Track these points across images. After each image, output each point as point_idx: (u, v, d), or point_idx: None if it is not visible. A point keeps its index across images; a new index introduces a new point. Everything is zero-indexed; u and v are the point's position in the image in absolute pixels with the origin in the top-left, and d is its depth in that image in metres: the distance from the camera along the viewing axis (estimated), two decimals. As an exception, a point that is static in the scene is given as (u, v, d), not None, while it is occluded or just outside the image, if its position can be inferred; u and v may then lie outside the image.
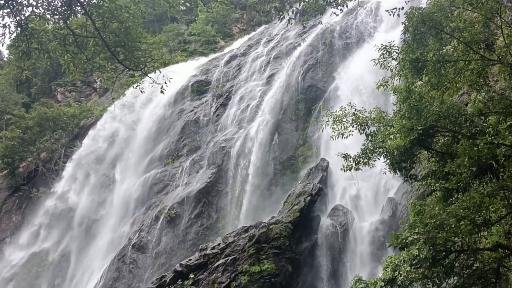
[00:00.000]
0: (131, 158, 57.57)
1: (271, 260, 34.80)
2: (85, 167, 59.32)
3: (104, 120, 63.69)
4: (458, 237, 17.48)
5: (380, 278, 21.41)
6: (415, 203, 23.49)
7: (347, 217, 38.20)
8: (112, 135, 61.07)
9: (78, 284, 49.54)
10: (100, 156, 59.83)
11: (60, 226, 56.35)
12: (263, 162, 48.10)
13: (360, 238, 37.11)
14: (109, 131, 61.77)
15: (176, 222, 46.84)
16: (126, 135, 60.16)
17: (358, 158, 23.71)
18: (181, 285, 35.08)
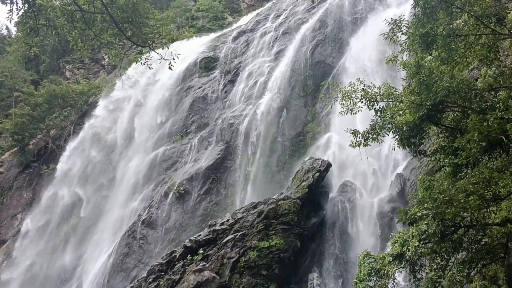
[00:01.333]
0: (139, 135, 57.68)
1: (279, 235, 35.02)
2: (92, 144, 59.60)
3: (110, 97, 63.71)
4: (467, 212, 17.49)
5: (388, 253, 21.45)
6: (424, 179, 23.42)
7: (356, 193, 38.27)
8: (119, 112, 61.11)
9: (89, 260, 50.12)
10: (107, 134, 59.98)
11: (70, 201, 56.81)
12: (272, 139, 48.09)
13: (368, 214, 37.20)
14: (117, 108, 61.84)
15: (185, 199, 47.11)
16: (134, 111, 60.20)
17: (367, 134, 23.62)
18: (191, 260, 35.40)
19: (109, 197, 54.60)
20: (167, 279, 34.61)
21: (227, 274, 33.77)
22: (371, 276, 21.76)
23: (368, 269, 21.77)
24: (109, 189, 55.41)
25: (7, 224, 59.21)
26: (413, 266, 20.32)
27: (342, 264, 36.17)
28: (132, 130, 58.92)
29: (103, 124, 61.28)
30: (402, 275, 27.78)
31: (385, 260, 21.17)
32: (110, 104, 62.90)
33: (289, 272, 34.89)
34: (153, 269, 36.95)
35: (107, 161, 57.72)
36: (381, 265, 21.42)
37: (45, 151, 63.85)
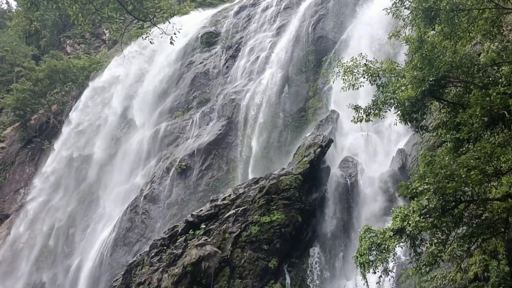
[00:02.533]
0: (141, 110, 57.60)
1: (281, 210, 35.21)
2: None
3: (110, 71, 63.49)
4: (468, 187, 17.57)
5: (389, 228, 21.59)
6: (425, 154, 23.50)
7: (357, 168, 38.36)
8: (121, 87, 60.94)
9: (92, 234, 50.48)
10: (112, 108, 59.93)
11: (72, 175, 57.03)
12: (273, 114, 48.02)
13: (369, 189, 37.35)
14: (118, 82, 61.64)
15: (187, 174, 47.25)
16: (135, 86, 60.02)
17: (369, 110, 23.64)
18: (193, 235, 35.66)
19: (112, 172, 54.75)
20: (169, 253, 34.91)
21: (229, 249, 34.05)
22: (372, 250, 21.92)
23: (368, 243, 21.93)
24: (111, 164, 55.52)
25: (10, 199, 59.57)
26: (414, 241, 20.48)
27: (343, 238, 36.43)
28: (133, 105, 58.79)
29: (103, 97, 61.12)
30: (403, 250, 28.05)
31: (386, 235, 21.32)
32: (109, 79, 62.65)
33: (290, 247, 35.16)
34: (155, 243, 37.25)
35: (109, 137, 57.72)
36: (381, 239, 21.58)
37: (47, 126, 63.91)
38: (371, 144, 40.22)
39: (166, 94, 57.02)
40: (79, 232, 51.83)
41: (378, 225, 31.77)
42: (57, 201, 56.24)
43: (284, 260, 34.81)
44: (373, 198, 36.92)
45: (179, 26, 20.41)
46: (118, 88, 60.85)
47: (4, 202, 59.72)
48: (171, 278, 33.31)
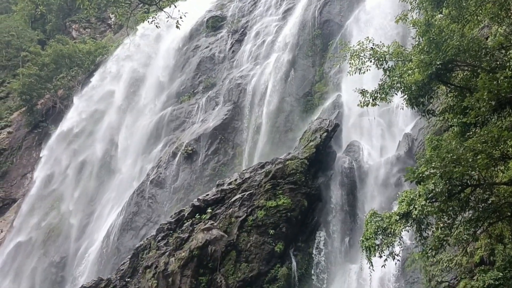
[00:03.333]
0: (147, 95, 57.60)
1: (287, 195, 35.30)
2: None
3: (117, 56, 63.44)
4: (474, 171, 17.54)
5: (395, 212, 21.61)
6: (432, 138, 23.39)
7: (363, 153, 38.35)
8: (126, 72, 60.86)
9: (99, 218, 50.78)
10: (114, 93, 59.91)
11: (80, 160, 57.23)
12: (279, 99, 47.91)
13: (375, 173, 37.34)
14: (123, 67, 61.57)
15: (193, 159, 47.35)
16: (141, 72, 59.95)
17: (375, 94, 23.55)
18: (199, 219, 35.85)
19: (118, 157, 54.90)
20: (176, 237, 35.13)
21: (235, 233, 34.23)
22: (378, 234, 21.96)
23: (374, 227, 21.96)
24: (117, 149, 55.64)
25: (18, 183, 59.92)
26: (420, 225, 20.50)
27: (349, 223, 36.52)
28: (139, 90, 58.77)
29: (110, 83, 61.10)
30: (409, 234, 28.12)
31: (392, 219, 21.34)
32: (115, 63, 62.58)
33: (296, 231, 35.30)
34: (162, 227, 37.48)
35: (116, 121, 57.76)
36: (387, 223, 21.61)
37: (53, 111, 64.05)
38: (377, 128, 40.13)
39: (172, 79, 56.96)
40: (86, 216, 52.09)
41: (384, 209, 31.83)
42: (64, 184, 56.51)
43: (290, 244, 34.97)
44: (379, 182, 36.92)
45: (184, 10, 20.31)
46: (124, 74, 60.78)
47: (11, 187, 60.10)
48: (178, 262, 33.55)
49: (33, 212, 55.92)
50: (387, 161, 37.45)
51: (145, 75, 59.24)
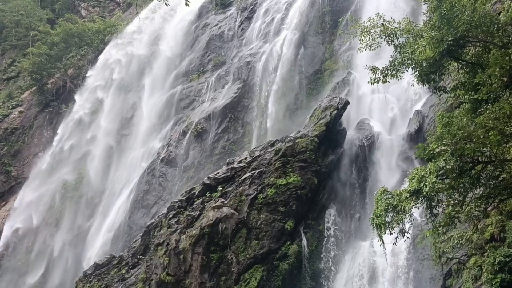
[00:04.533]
0: (156, 74, 57.51)
1: (297, 173, 35.36)
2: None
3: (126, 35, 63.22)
4: (486, 147, 17.47)
5: (406, 189, 21.62)
6: (443, 115, 23.26)
7: (373, 130, 38.22)
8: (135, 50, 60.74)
9: (110, 196, 51.13)
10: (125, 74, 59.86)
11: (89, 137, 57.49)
12: (289, 77, 47.71)
13: (386, 151, 37.27)
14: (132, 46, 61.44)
15: (203, 137, 47.43)
16: (150, 50, 59.82)
17: (386, 71, 23.44)
18: (210, 197, 36.02)
19: (129, 136, 55.08)
20: (186, 215, 35.37)
21: (245, 211, 34.41)
22: (388, 212, 22.02)
23: (385, 205, 22.01)
24: (128, 127, 55.79)
25: (29, 162, 60.30)
26: (430, 202, 20.52)
27: (359, 200, 36.58)
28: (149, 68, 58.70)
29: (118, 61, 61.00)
30: (419, 211, 28.16)
31: (402, 196, 21.37)
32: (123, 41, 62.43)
33: (306, 209, 35.43)
34: (173, 205, 37.71)
35: (125, 100, 57.82)
36: (398, 201, 21.64)
37: (64, 90, 64.11)
38: (387, 106, 39.92)
39: (181, 57, 56.80)
40: (98, 195, 52.49)
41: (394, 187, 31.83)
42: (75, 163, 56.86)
43: (300, 222, 35.12)
44: (390, 160, 36.86)
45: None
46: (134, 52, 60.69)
47: (23, 166, 60.52)
48: (189, 239, 33.83)
49: (42, 188, 56.41)
50: (397, 139, 37.34)
51: (155, 53, 59.08)
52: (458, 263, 28.68)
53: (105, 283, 37.11)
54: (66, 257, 50.42)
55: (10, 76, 71.15)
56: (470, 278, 27.47)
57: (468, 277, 27.59)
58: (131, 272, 36.86)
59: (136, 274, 36.13)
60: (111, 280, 37.11)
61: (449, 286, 28.90)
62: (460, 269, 28.56)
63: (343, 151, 37.69)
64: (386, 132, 38.81)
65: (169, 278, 33.70)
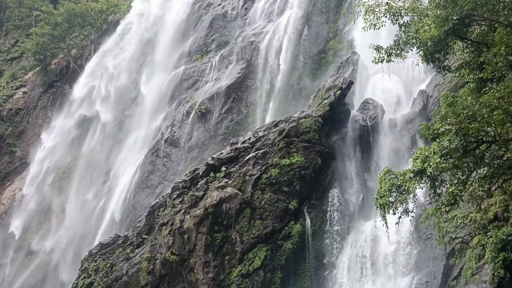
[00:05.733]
0: (160, 54, 57.31)
1: (300, 153, 35.37)
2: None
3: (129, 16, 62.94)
4: (490, 127, 17.42)
5: (409, 170, 21.64)
6: (447, 95, 23.13)
7: (377, 110, 38.08)
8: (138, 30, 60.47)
9: (115, 176, 51.30)
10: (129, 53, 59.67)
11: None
12: (293, 57, 47.49)
13: (390, 131, 37.20)
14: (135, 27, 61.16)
15: (206, 118, 47.41)
16: (153, 30, 59.53)
17: (391, 50, 23.35)
18: (214, 178, 36.12)
19: (132, 116, 55.08)
20: (191, 195, 35.51)
21: (249, 191, 34.51)
22: (392, 192, 22.07)
23: (388, 185, 22.05)
24: (131, 108, 55.77)
25: (34, 143, 60.44)
26: (434, 182, 20.55)
27: (363, 180, 36.62)
28: (152, 48, 58.49)
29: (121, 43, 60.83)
30: (423, 191, 28.21)
31: (406, 176, 21.40)
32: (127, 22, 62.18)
33: (310, 189, 35.51)
34: (177, 186, 37.86)
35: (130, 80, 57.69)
36: (401, 181, 21.68)
37: (67, 70, 64.02)
38: (392, 85, 39.75)
39: (184, 37, 56.50)
40: (103, 175, 52.68)
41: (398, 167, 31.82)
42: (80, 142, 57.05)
43: (304, 202, 35.24)
44: (394, 140, 36.81)
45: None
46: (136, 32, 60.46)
47: (28, 146, 60.70)
48: (193, 219, 34.02)
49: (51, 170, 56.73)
50: (401, 118, 37.25)
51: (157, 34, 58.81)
52: (461, 243, 28.81)
53: (110, 262, 37.43)
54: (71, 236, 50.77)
55: (14, 56, 71.01)
56: (473, 257, 27.62)
57: (471, 256, 27.74)
58: (136, 252, 37.15)
59: (141, 254, 36.41)
60: (116, 259, 37.42)
61: (452, 265, 29.07)
62: (463, 248, 28.70)
63: (347, 131, 37.64)
64: (390, 112, 38.69)
65: (173, 257, 33.97)
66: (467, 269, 27.87)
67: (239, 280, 32.77)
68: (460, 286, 28.14)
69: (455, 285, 28.47)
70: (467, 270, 27.85)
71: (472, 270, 27.52)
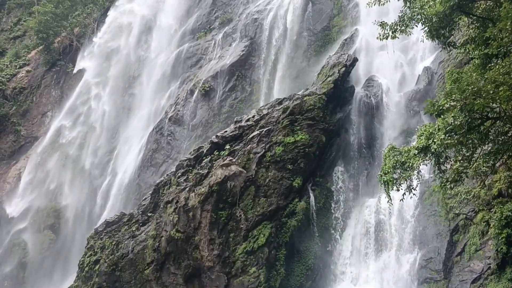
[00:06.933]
0: (163, 32, 57.00)
1: (304, 131, 35.37)
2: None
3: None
4: (495, 103, 17.35)
5: (414, 146, 21.65)
6: (452, 71, 23.06)
7: (382, 87, 37.99)
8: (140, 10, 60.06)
9: (119, 155, 51.45)
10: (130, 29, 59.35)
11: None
12: (297, 34, 47.16)
13: (394, 108, 37.13)
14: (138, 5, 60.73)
15: (210, 96, 47.35)
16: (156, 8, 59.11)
17: (395, 26, 23.22)
18: (218, 156, 36.18)
19: (136, 94, 55.01)
20: (195, 173, 35.62)
21: (254, 168, 34.59)
22: (396, 168, 22.12)
23: (393, 162, 22.09)
24: (135, 86, 55.67)
25: (38, 121, 60.55)
26: (438, 159, 20.58)
27: (367, 158, 36.66)
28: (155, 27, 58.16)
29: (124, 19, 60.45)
30: (427, 168, 28.23)
31: (410, 153, 21.42)
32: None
33: (314, 166, 35.58)
34: (181, 164, 37.96)
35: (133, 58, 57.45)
36: (406, 158, 21.71)
37: (70, 49, 63.82)
38: (396, 62, 39.56)
39: (188, 14, 56.12)
40: (107, 153, 52.81)
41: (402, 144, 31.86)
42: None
43: (308, 179, 35.33)
44: (398, 117, 36.76)
45: None
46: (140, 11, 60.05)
47: (32, 125, 60.83)
48: (197, 197, 34.16)
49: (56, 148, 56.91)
50: (406, 95, 37.15)
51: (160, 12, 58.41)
52: (465, 219, 28.93)
53: (116, 240, 37.72)
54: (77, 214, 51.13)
55: (17, 35, 70.79)
56: (477, 233, 27.77)
57: (475, 233, 27.88)
58: (141, 229, 37.40)
59: (146, 231, 36.67)
60: (122, 237, 37.72)
61: (456, 242, 29.23)
62: (467, 224, 28.84)
63: (351, 108, 37.58)
64: (395, 89, 38.57)
65: (178, 235, 34.20)
66: (470, 245, 28.05)
67: (244, 257, 33.01)
68: (463, 262, 28.34)
69: (458, 261, 28.67)
70: (470, 246, 28.03)
71: (476, 246, 27.70)
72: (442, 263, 29.43)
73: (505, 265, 25.87)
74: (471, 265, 27.83)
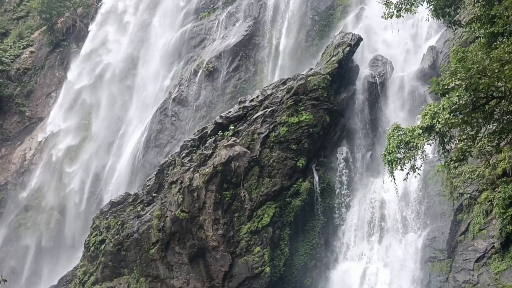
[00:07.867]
0: (166, 12, 56.67)
1: (309, 111, 35.30)
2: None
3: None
4: (501, 82, 17.26)
5: (418, 126, 21.63)
6: (457, 50, 22.92)
7: (386, 67, 37.82)
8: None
9: (124, 135, 51.49)
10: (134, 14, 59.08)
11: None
12: (301, 13, 46.83)
13: (399, 87, 37.02)
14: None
15: (214, 76, 47.20)
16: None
17: (400, 5, 23.08)
18: (222, 136, 36.21)
19: (139, 75, 54.85)
20: (199, 154, 35.68)
21: (258, 149, 34.61)
22: (400, 148, 22.15)
23: (397, 141, 22.11)
24: (137, 67, 55.47)
25: (42, 102, 60.56)
26: (443, 138, 20.57)
27: (371, 137, 36.66)
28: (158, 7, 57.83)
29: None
30: (431, 148, 28.20)
31: (415, 133, 21.41)
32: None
33: (318, 146, 35.60)
34: (185, 144, 38.01)
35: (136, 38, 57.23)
36: (410, 137, 21.71)
37: (74, 29, 63.60)
38: (401, 41, 39.32)
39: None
40: (112, 134, 52.89)
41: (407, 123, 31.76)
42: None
43: (312, 159, 35.37)
44: (403, 96, 36.66)
45: None
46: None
47: (37, 106, 60.86)
48: (202, 177, 34.26)
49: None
50: (411, 75, 36.98)
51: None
52: (469, 198, 28.96)
53: (121, 220, 37.98)
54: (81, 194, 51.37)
55: (20, 15, 70.38)
56: (481, 213, 27.81)
57: (479, 212, 27.93)
58: (146, 209, 37.62)
59: (151, 211, 36.87)
60: (127, 217, 37.96)
61: (460, 221, 29.31)
62: (471, 204, 28.88)
63: (356, 88, 37.46)
64: (400, 69, 38.39)
65: (183, 215, 34.37)
66: (474, 224, 28.12)
67: (248, 237, 33.20)
68: (467, 241, 28.44)
69: (462, 240, 28.77)
70: (474, 225, 28.10)
71: (480, 225, 27.78)
72: (446, 243, 29.56)
73: (508, 244, 25.97)
74: (474, 244, 27.93)
